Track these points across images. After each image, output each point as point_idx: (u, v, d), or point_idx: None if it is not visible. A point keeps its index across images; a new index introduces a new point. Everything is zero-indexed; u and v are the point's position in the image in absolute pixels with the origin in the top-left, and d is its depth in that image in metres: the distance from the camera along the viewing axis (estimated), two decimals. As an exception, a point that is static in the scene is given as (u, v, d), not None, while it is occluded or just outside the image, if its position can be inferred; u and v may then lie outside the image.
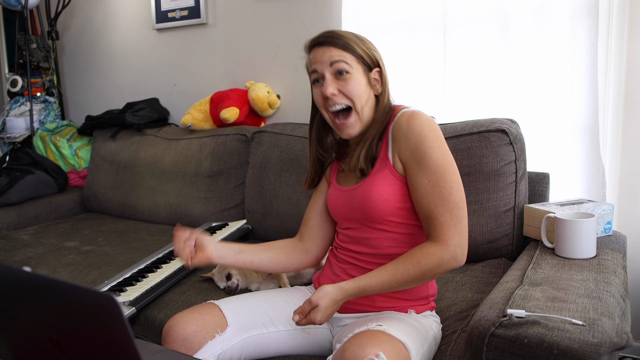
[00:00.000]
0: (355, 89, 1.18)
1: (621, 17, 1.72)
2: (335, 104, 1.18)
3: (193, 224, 2.30)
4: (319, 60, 1.19)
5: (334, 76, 1.18)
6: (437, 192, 1.10)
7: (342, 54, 1.17)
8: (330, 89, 1.17)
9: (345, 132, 1.21)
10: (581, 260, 1.31)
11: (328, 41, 1.18)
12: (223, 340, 1.20)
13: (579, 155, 1.83)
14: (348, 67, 1.17)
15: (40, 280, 0.75)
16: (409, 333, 1.11)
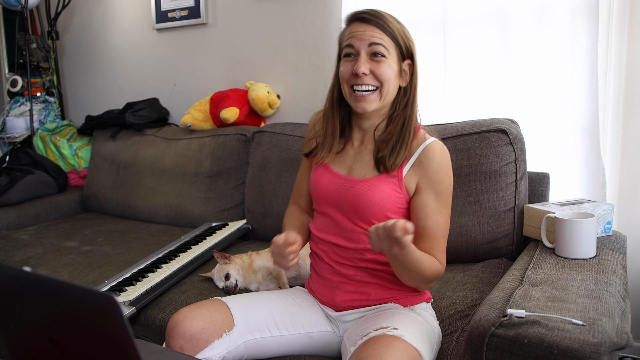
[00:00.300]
0: (387, 72, 1.18)
1: (621, 17, 1.72)
2: (364, 84, 1.18)
3: (193, 224, 2.30)
4: (358, 37, 1.18)
5: (369, 56, 1.18)
6: (443, 225, 1.22)
7: (383, 37, 1.17)
8: (363, 67, 1.16)
9: (361, 105, 1.20)
10: (581, 260, 1.31)
11: (372, 20, 1.17)
12: (229, 339, 1.19)
13: (579, 155, 1.83)
14: (385, 51, 1.17)
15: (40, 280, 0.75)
16: (422, 338, 1.12)
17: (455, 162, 1.68)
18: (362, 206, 1.20)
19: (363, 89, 1.18)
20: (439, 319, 1.31)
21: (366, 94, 1.19)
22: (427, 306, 1.28)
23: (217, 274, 1.63)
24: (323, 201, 1.28)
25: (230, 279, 1.59)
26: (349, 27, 1.21)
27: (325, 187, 1.27)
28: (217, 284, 1.63)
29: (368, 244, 1.19)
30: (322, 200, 1.28)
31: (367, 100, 1.19)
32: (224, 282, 1.60)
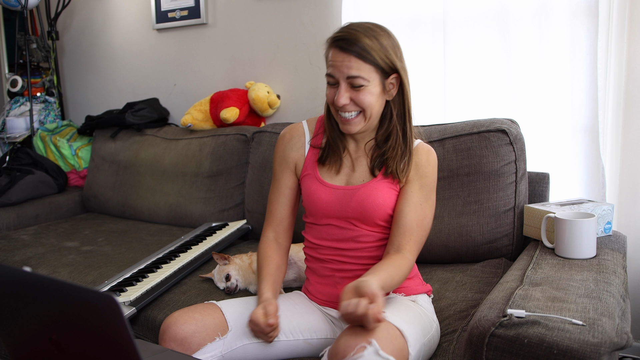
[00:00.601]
0: (367, 99, 1.19)
1: (621, 17, 1.72)
2: (346, 111, 1.20)
3: (193, 224, 2.30)
4: (336, 67, 1.17)
5: (349, 85, 1.18)
6: (420, 216, 1.24)
7: (360, 67, 1.16)
8: (343, 99, 1.18)
9: (346, 128, 1.23)
10: (581, 260, 1.31)
11: (349, 49, 1.15)
12: (223, 344, 1.18)
13: (579, 155, 1.83)
14: (364, 82, 1.17)
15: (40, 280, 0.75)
16: (410, 321, 1.12)
17: (455, 162, 1.68)
18: (367, 211, 1.23)
19: (347, 116, 1.21)
20: (439, 318, 1.32)
21: (350, 119, 1.21)
22: (427, 299, 1.30)
23: (217, 275, 1.63)
24: (324, 216, 1.28)
25: (231, 279, 1.59)
26: (330, 51, 1.20)
27: (325, 201, 1.27)
28: (218, 285, 1.62)
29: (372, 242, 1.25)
30: (323, 215, 1.28)
31: (352, 123, 1.21)
32: (225, 283, 1.59)
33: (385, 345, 1.00)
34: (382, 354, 0.98)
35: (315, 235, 1.31)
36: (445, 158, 1.69)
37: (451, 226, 1.66)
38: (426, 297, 1.30)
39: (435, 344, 1.21)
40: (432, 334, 1.19)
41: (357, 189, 1.25)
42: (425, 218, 1.25)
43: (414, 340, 1.08)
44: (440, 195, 1.69)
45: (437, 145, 1.71)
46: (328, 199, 1.26)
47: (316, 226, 1.31)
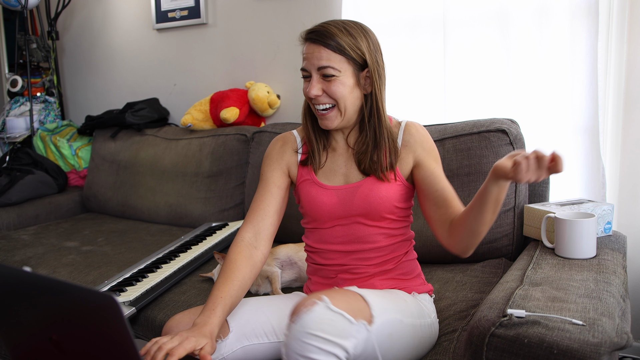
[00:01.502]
0: (339, 90, 1.19)
1: (621, 17, 1.72)
2: (319, 103, 1.21)
3: (193, 224, 2.30)
4: (308, 59, 1.20)
5: (321, 77, 1.19)
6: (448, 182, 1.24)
7: (330, 58, 1.17)
8: (315, 90, 1.19)
9: (324, 123, 1.23)
10: (581, 260, 1.31)
11: (319, 40, 1.18)
12: (224, 346, 1.18)
13: (579, 155, 1.83)
14: (335, 72, 1.17)
15: (40, 280, 0.75)
16: (382, 296, 1.14)
17: (455, 162, 1.68)
18: (373, 205, 1.22)
19: (321, 108, 1.21)
20: (439, 318, 1.32)
21: (326, 112, 1.21)
22: (429, 298, 1.30)
23: (217, 274, 1.63)
24: (329, 219, 1.27)
25: (230, 279, 1.59)
26: (304, 46, 1.22)
27: (327, 204, 1.26)
28: (217, 284, 1.62)
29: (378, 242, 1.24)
30: (328, 218, 1.27)
31: (328, 118, 1.22)
32: (224, 282, 1.59)
33: (338, 302, 1.01)
34: (334, 308, 0.99)
35: (319, 239, 1.30)
36: (445, 158, 1.69)
37: (451, 226, 1.66)
38: (427, 297, 1.30)
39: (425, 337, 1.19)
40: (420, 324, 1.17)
41: (358, 185, 1.24)
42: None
43: (381, 308, 1.08)
44: (440, 195, 1.69)
45: (438, 146, 1.71)
46: (331, 201, 1.26)
47: (320, 230, 1.29)
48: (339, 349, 0.98)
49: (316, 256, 1.32)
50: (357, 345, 1.01)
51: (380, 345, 1.07)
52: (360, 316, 1.03)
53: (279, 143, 1.35)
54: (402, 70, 2.08)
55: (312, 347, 0.97)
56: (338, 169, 1.28)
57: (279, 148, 1.34)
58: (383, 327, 1.08)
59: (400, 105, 2.11)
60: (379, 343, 1.06)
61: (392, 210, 1.24)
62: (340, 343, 0.98)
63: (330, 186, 1.26)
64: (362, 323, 1.03)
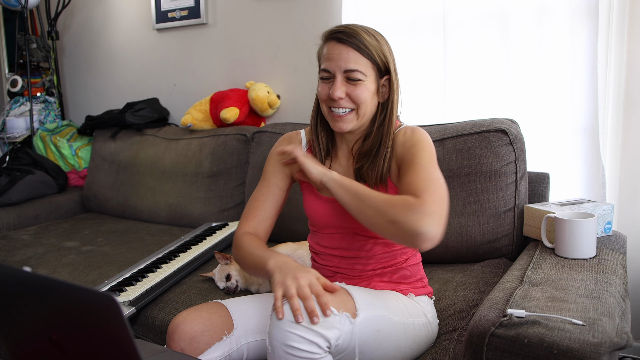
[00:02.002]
0: (364, 95, 1.16)
1: (621, 17, 1.72)
2: (340, 107, 1.17)
3: (193, 224, 2.30)
4: (333, 59, 1.15)
5: (345, 79, 1.16)
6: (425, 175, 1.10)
7: (358, 60, 1.14)
8: (339, 92, 1.15)
9: (339, 125, 1.19)
10: (581, 260, 1.31)
11: (348, 41, 1.14)
12: (230, 342, 1.19)
13: (579, 155, 1.83)
14: (361, 75, 1.15)
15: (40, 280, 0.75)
16: (370, 293, 1.14)
17: (455, 162, 1.68)
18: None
19: (341, 112, 1.18)
20: (439, 318, 1.32)
21: (343, 115, 1.18)
22: (428, 300, 1.29)
23: (218, 274, 1.63)
24: (325, 226, 1.27)
25: (231, 279, 1.59)
26: (326, 45, 1.18)
27: (325, 215, 1.25)
28: (218, 284, 1.63)
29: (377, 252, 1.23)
30: (324, 226, 1.27)
31: (345, 120, 1.18)
32: (225, 282, 1.60)
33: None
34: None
35: (318, 242, 1.31)
36: (445, 158, 1.69)
37: (451, 226, 1.66)
38: (426, 298, 1.29)
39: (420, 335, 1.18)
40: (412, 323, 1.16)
41: None
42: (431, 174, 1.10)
43: (366, 303, 1.08)
44: (440, 195, 1.69)
45: (437, 146, 1.71)
46: (326, 212, 1.25)
47: (319, 234, 1.30)
48: (321, 338, 0.98)
49: (316, 257, 1.33)
50: (340, 337, 1.01)
51: (367, 340, 1.06)
52: (344, 309, 1.03)
53: (284, 143, 1.35)
54: (402, 70, 2.06)
55: (294, 336, 0.97)
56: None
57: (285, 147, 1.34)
58: (369, 322, 1.07)
59: (401, 105, 2.11)
60: (365, 338, 1.06)
61: None
62: (322, 332, 0.98)
63: (326, 197, 1.25)
64: (345, 315, 1.03)
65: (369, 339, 1.07)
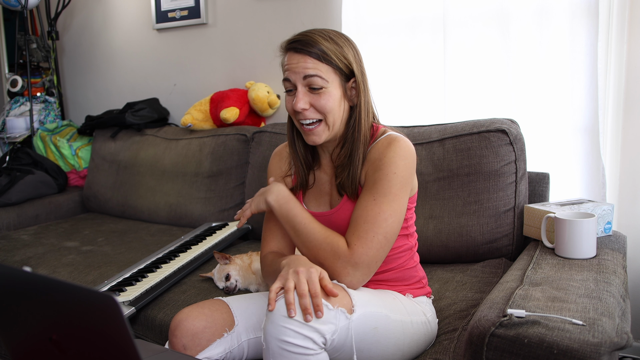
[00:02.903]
0: (329, 103, 1.12)
1: (621, 17, 1.72)
2: (306, 118, 1.14)
3: (193, 224, 2.30)
4: (292, 70, 1.12)
5: (307, 89, 1.12)
6: (373, 211, 1.11)
7: (317, 66, 1.11)
8: (302, 103, 1.12)
9: (311, 138, 1.16)
10: (581, 260, 1.31)
11: (304, 49, 1.11)
12: (231, 339, 1.20)
13: (579, 155, 1.83)
14: (322, 82, 1.11)
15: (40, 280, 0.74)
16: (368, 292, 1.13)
17: (455, 162, 1.68)
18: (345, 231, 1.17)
19: (307, 122, 1.14)
20: (438, 318, 1.32)
21: (313, 127, 1.14)
22: (426, 300, 1.29)
23: (217, 274, 1.63)
24: None
25: (231, 279, 1.59)
26: (285, 56, 1.15)
27: None
28: (218, 284, 1.63)
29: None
30: None
31: (316, 133, 1.15)
32: (224, 282, 1.60)
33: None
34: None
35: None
36: (445, 158, 1.69)
37: (451, 226, 1.66)
38: (424, 299, 1.29)
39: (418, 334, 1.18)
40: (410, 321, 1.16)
41: (332, 212, 1.20)
42: (381, 214, 1.10)
43: (363, 300, 1.07)
44: (440, 195, 1.69)
45: (437, 145, 1.71)
46: None
47: None
48: (316, 333, 0.97)
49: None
50: (336, 332, 1.00)
51: (364, 338, 1.06)
52: (340, 304, 1.02)
53: (275, 159, 1.34)
54: (402, 70, 2.08)
55: (288, 331, 0.96)
56: (323, 189, 1.25)
57: (276, 164, 1.33)
58: (366, 318, 1.06)
59: (401, 105, 2.11)
60: (362, 335, 1.05)
61: None
62: (317, 327, 0.97)
63: (315, 212, 1.23)
64: (340, 310, 1.01)
65: (367, 336, 1.06)
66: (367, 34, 2.11)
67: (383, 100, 2.12)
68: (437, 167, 1.70)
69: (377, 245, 1.10)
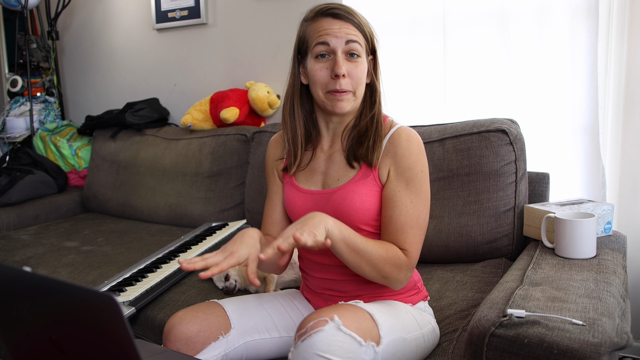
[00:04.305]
0: (362, 75, 1.13)
1: (621, 17, 1.72)
2: (342, 87, 1.11)
3: (193, 224, 2.30)
4: (333, 34, 1.09)
5: (345, 56, 1.11)
6: (414, 214, 1.14)
7: (357, 34, 1.11)
8: (344, 69, 1.09)
9: (340, 105, 1.12)
10: (581, 260, 1.31)
11: (346, 16, 1.10)
12: (227, 342, 1.18)
13: (579, 155, 1.83)
14: (360, 49, 1.12)
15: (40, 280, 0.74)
16: (388, 313, 1.11)
17: (455, 162, 1.68)
18: (344, 215, 1.14)
19: (343, 90, 1.12)
20: (438, 318, 1.31)
21: (343, 94, 1.13)
22: (424, 305, 1.27)
23: (217, 274, 1.63)
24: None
25: (230, 279, 1.59)
26: (318, 22, 1.12)
27: (303, 210, 1.19)
28: (217, 284, 1.63)
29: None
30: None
31: (345, 99, 1.13)
32: (224, 282, 1.60)
33: (349, 322, 0.98)
34: (344, 330, 0.97)
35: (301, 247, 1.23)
36: (445, 158, 1.69)
37: (451, 226, 1.66)
38: (423, 305, 1.27)
39: (428, 345, 1.18)
40: (422, 335, 1.16)
41: (332, 192, 1.17)
42: (420, 215, 1.14)
43: (388, 327, 1.06)
44: (440, 195, 1.69)
45: (437, 145, 1.71)
46: (305, 206, 1.20)
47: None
48: None
49: (302, 263, 1.30)
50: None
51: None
52: (369, 337, 1.01)
53: (270, 146, 1.33)
54: (402, 71, 2.08)
55: None
56: (318, 168, 1.22)
57: (271, 153, 1.32)
58: (388, 347, 1.06)
59: (401, 105, 2.11)
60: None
61: (369, 222, 1.16)
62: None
63: (306, 190, 1.21)
64: (370, 345, 1.01)
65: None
66: (367, 34, 2.11)
67: (383, 100, 2.12)
68: (437, 167, 1.70)
69: (421, 243, 1.16)
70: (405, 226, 1.13)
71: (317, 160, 1.23)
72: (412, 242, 1.13)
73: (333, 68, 1.10)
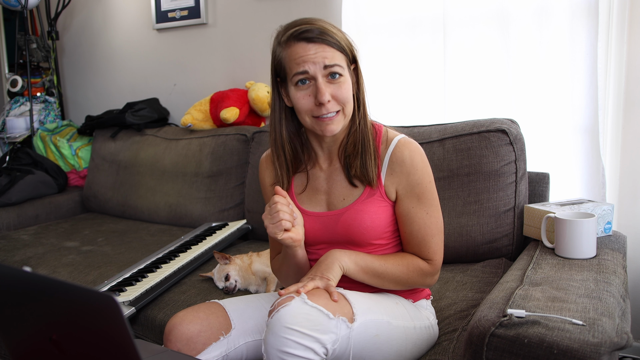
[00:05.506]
0: (348, 93, 1.10)
1: (621, 17, 1.72)
2: (329, 111, 1.08)
3: (193, 224, 2.30)
4: (310, 60, 1.06)
5: (326, 79, 1.08)
6: (433, 223, 1.18)
7: (334, 55, 1.07)
8: (327, 95, 1.07)
9: (330, 128, 1.10)
10: (581, 260, 1.31)
11: (319, 38, 1.06)
12: (227, 342, 1.19)
13: (579, 155, 1.83)
14: (341, 70, 1.08)
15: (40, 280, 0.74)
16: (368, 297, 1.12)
17: (455, 162, 1.68)
18: (356, 235, 1.16)
19: (330, 116, 1.09)
20: (438, 318, 1.31)
21: (332, 116, 1.10)
22: (426, 303, 1.28)
23: (217, 274, 1.63)
24: (314, 243, 1.21)
25: (230, 279, 1.59)
26: (292, 49, 1.08)
27: (311, 232, 1.18)
28: (217, 284, 1.63)
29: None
30: (313, 242, 1.21)
31: (334, 122, 1.10)
32: (224, 282, 1.60)
33: (316, 298, 1.00)
34: (309, 302, 0.98)
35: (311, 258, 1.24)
36: (445, 158, 1.69)
37: (451, 226, 1.66)
38: (424, 302, 1.28)
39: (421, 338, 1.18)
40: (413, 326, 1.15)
41: (341, 213, 1.16)
42: (438, 221, 1.18)
43: (364, 307, 1.07)
44: (440, 195, 1.68)
45: (437, 145, 1.71)
46: (314, 228, 1.19)
47: (310, 252, 1.23)
48: (317, 343, 0.96)
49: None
50: (337, 341, 0.99)
51: (365, 345, 1.05)
52: (340, 313, 1.02)
53: (262, 169, 1.32)
54: (402, 70, 2.08)
55: (289, 342, 0.95)
56: (320, 188, 1.20)
57: (265, 176, 1.31)
58: (367, 326, 1.06)
59: (401, 105, 2.11)
60: (363, 343, 1.04)
61: (381, 235, 1.17)
62: (318, 337, 0.96)
63: (312, 212, 1.19)
64: (341, 319, 1.01)
65: (368, 344, 1.06)
66: (367, 34, 2.11)
67: (383, 100, 2.12)
68: (437, 167, 1.70)
69: (442, 244, 1.21)
70: (426, 237, 1.17)
71: (317, 179, 1.21)
72: (435, 250, 1.19)
73: (316, 95, 1.08)
